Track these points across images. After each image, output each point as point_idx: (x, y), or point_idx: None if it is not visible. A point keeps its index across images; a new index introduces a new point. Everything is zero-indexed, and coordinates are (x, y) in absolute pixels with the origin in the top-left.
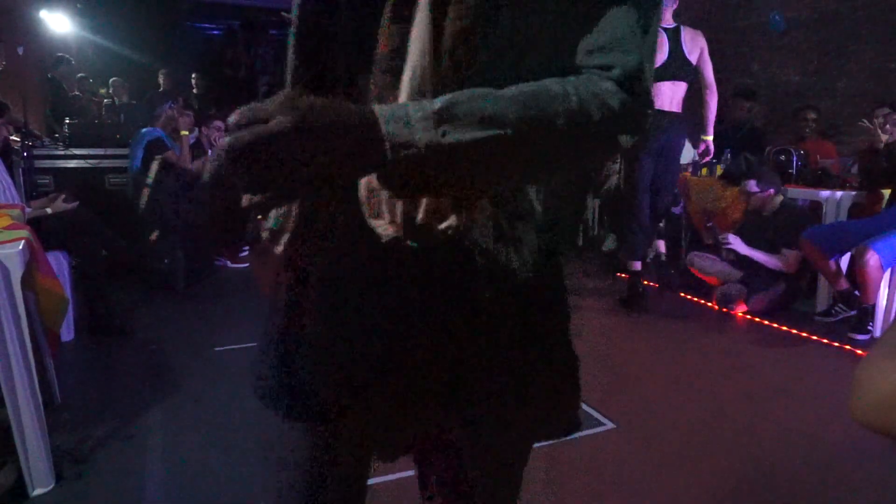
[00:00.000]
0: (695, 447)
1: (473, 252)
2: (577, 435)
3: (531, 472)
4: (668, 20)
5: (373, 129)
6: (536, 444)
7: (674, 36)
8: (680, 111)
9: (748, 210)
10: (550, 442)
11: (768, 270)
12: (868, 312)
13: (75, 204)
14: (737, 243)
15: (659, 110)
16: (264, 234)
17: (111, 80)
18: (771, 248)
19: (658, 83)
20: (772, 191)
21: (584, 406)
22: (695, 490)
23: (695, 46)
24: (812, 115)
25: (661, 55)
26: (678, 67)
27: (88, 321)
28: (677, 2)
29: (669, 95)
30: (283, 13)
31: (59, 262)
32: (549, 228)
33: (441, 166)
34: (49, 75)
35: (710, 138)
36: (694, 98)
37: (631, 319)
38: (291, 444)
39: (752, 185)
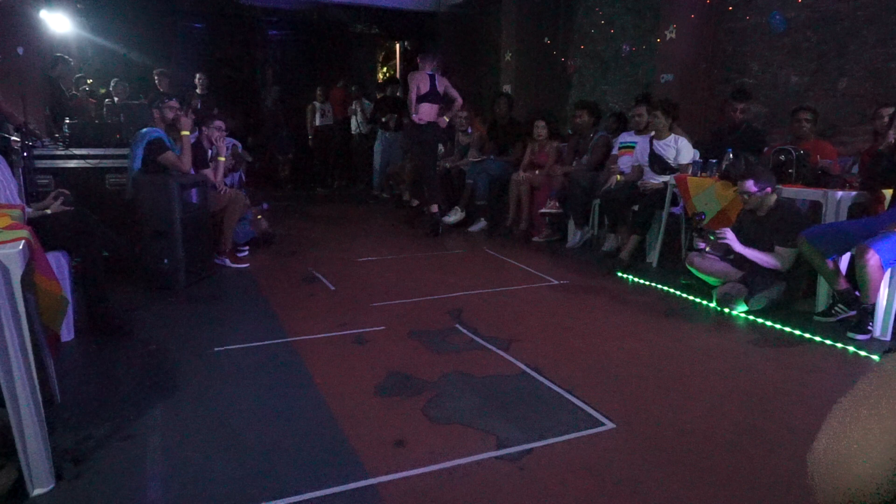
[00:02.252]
0: (695, 447)
1: None
2: (576, 435)
3: (532, 471)
4: (429, 70)
5: None
6: (536, 444)
7: (431, 79)
8: (435, 120)
9: (743, 210)
10: (550, 441)
11: (768, 270)
12: (868, 312)
13: (70, 209)
14: (732, 239)
15: (420, 119)
16: None
17: (112, 81)
18: (766, 247)
19: (422, 104)
20: (769, 189)
21: (584, 406)
22: (695, 490)
23: (441, 85)
24: (806, 116)
25: (425, 88)
26: (434, 96)
27: (88, 321)
28: (436, 61)
29: (428, 111)
30: None
31: (59, 262)
32: None
33: None
34: (48, 75)
35: (447, 119)
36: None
37: (631, 319)
38: None
39: (750, 184)
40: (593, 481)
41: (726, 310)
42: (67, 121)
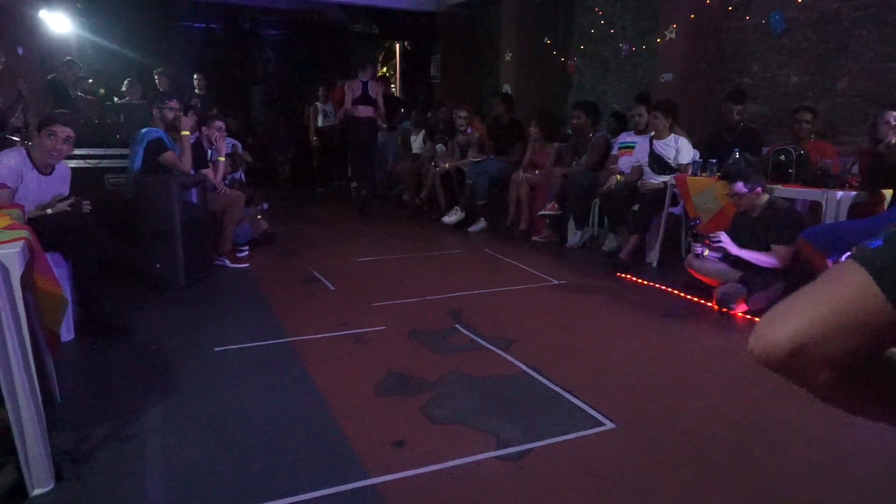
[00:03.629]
0: (695, 447)
1: None
2: (577, 435)
3: (532, 471)
4: (363, 78)
5: None
6: (536, 444)
7: (364, 85)
8: (373, 117)
9: (737, 212)
10: (550, 441)
11: (767, 270)
12: None
13: (67, 207)
14: (727, 242)
15: (358, 117)
16: None
17: (126, 81)
18: (762, 247)
19: (357, 106)
20: (759, 190)
21: (584, 406)
22: (695, 490)
23: (375, 91)
24: (807, 117)
25: (358, 93)
26: (365, 99)
27: (86, 322)
28: (371, 70)
29: (364, 112)
30: None
31: (58, 262)
32: None
33: None
34: (50, 76)
35: (385, 126)
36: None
37: (631, 319)
38: None
39: (740, 186)
40: (593, 481)
41: (726, 310)
42: None
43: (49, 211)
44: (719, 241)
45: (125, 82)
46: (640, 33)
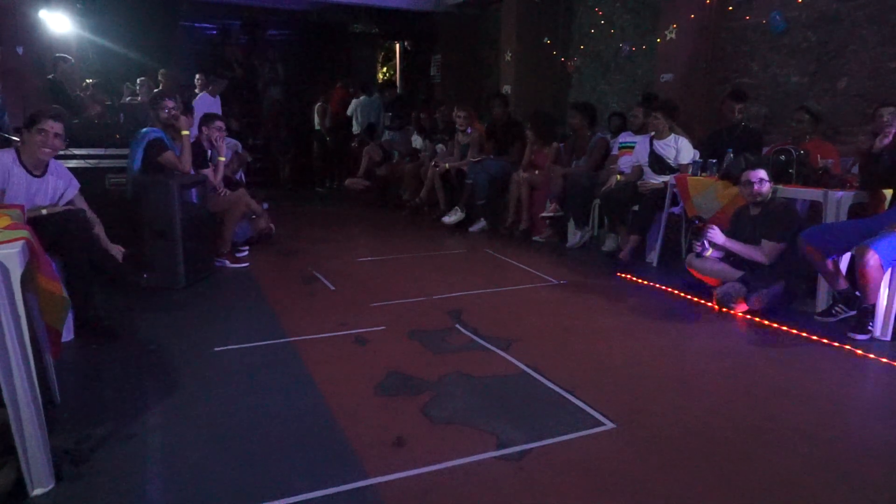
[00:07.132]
0: (695, 447)
1: None
2: (577, 435)
3: (532, 471)
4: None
5: None
6: (536, 444)
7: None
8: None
9: (738, 209)
10: (550, 441)
11: (767, 269)
12: (868, 312)
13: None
14: (715, 234)
15: None
16: None
17: (138, 80)
18: (753, 242)
19: None
20: (770, 184)
21: (584, 406)
22: (695, 490)
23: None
24: (805, 116)
25: None
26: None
27: (79, 324)
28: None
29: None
30: None
31: (57, 262)
32: None
33: None
34: (49, 77)
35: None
36: None
37: (631, 319)
38: None
39: (763, 173)
40: (593, 481)
41: (726, 310)
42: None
43: (44, 211)
44: (711, 232)
45: (138, 80)
46: (640, 33)
